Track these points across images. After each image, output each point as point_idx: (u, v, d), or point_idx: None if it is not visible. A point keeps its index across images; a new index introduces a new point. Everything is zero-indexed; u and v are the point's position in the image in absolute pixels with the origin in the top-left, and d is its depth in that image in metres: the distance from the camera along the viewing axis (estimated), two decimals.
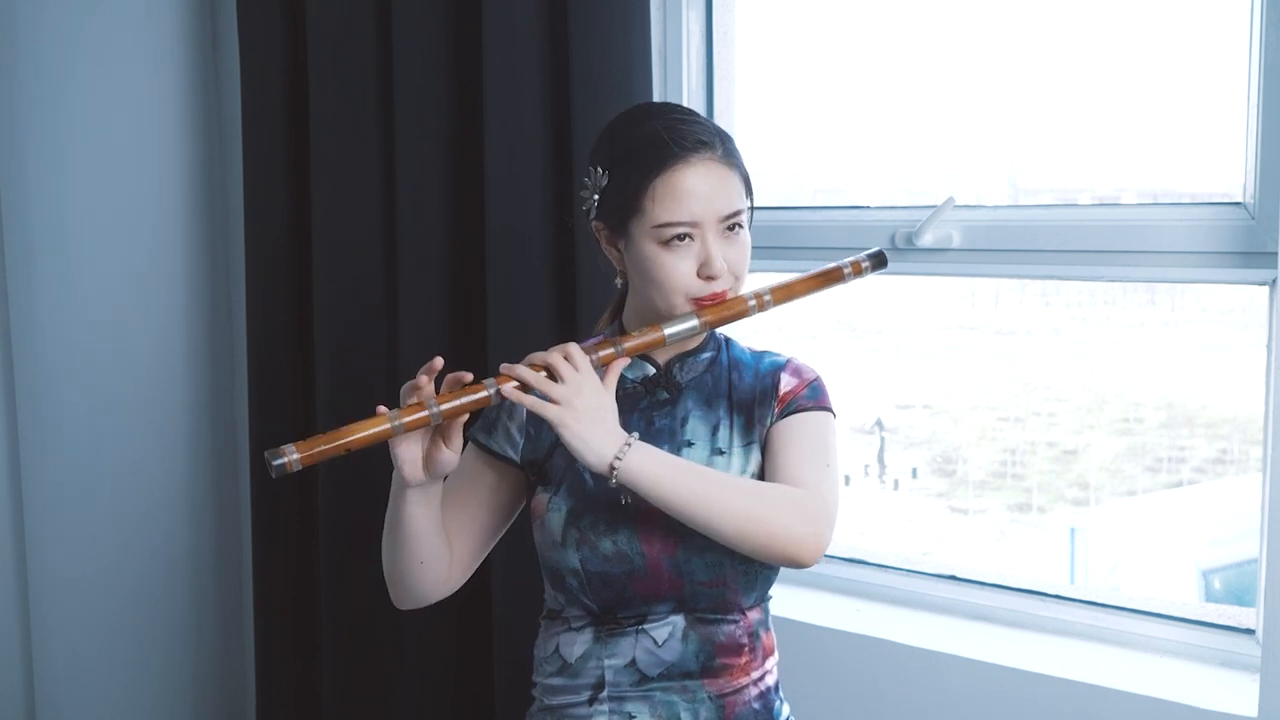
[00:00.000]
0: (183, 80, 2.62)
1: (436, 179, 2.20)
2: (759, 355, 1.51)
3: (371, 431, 1.28)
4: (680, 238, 1.36)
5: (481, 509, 1.48)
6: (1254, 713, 1.64)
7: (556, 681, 1.46)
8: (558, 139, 2.07)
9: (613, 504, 1.41)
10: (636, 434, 1.32)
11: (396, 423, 1.28)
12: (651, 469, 1.29)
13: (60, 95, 2.48)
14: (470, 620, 2.27)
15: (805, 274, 1.45)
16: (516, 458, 1.47)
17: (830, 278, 1.46)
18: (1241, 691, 1.69)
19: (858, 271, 1.47)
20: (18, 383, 2.57)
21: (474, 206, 2.17)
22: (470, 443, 1.50)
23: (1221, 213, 1.72)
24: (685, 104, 2.14)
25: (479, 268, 2.17)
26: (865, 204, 2.09)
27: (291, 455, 1.26)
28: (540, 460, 1.47)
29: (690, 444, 1.44)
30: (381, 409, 1.30)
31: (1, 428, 2.61)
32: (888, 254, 1.52)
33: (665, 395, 1.46)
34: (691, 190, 1.36)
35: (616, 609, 1.42)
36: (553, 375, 1.31)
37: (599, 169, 1.43)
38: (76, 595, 2.59)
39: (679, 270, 1.37)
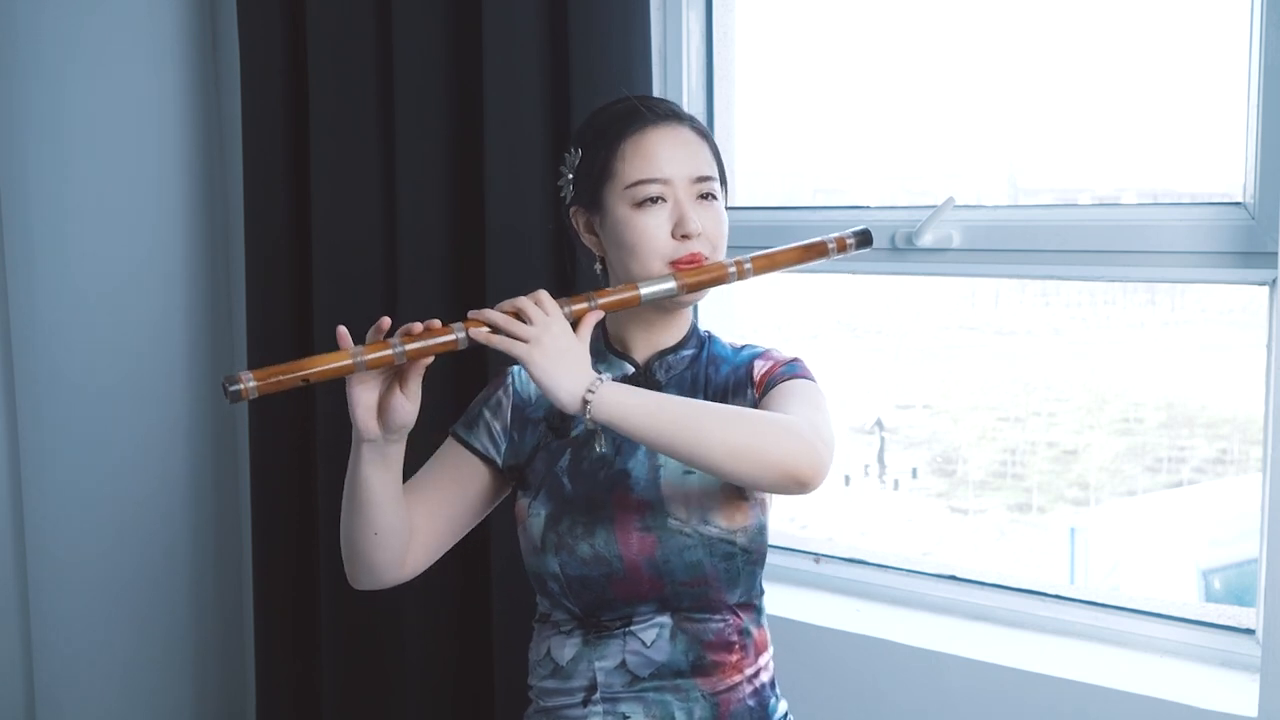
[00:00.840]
0: (183, 80, 2.62)
1: (436, 179, 2.20)
2: (739, 349, 1.50)
3: (332, 365, 1.25)
4: (654, 200, 1.37)
5: (451, 500, 1.46)
6: (1254, 713, 1.64)
7: (550, 684, 1.46)
8: (558, 139, 2.07)
9: (590, 506, 1.40)
10: (608, 374, 1.30)
11: (359, 358, 1.25)
12: (626, 401, 1.25)
13: (60, 95, 2.48)
14: (470, 620, 2.27)
15: (789, 245, 1.44)
16: (498, 459, 1.46)
17: (814, 251, 1.44)
18: (1241, 691, 1.69)
19: (842, 248, 1.45)
20: (18, 383, 2.57)
21: (474, 206, 2.17)
22: (450, 436, 1.49)
23: (1221, 213, 1.72)
24: (685, 104, 2.14)
25: (479, 268, 2.17)
26: (865, 204, 2.09)
27: (249, 382, 1.24)
28: (521, 465, 1.46)
29: None
30: (345, 342, 1.27)
31: (2, 428, 2.61)
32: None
33: None
34: (661, 149, 1.38)
35: (599, 612, 1.41)
36: (521, 319, 1.29)
37: (573, 150, 1.45)
38: (76, 595, 2.59)
39: (652, 230, 1.37)
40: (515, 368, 1.50)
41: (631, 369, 1.46)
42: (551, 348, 1.26)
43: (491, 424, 1.48)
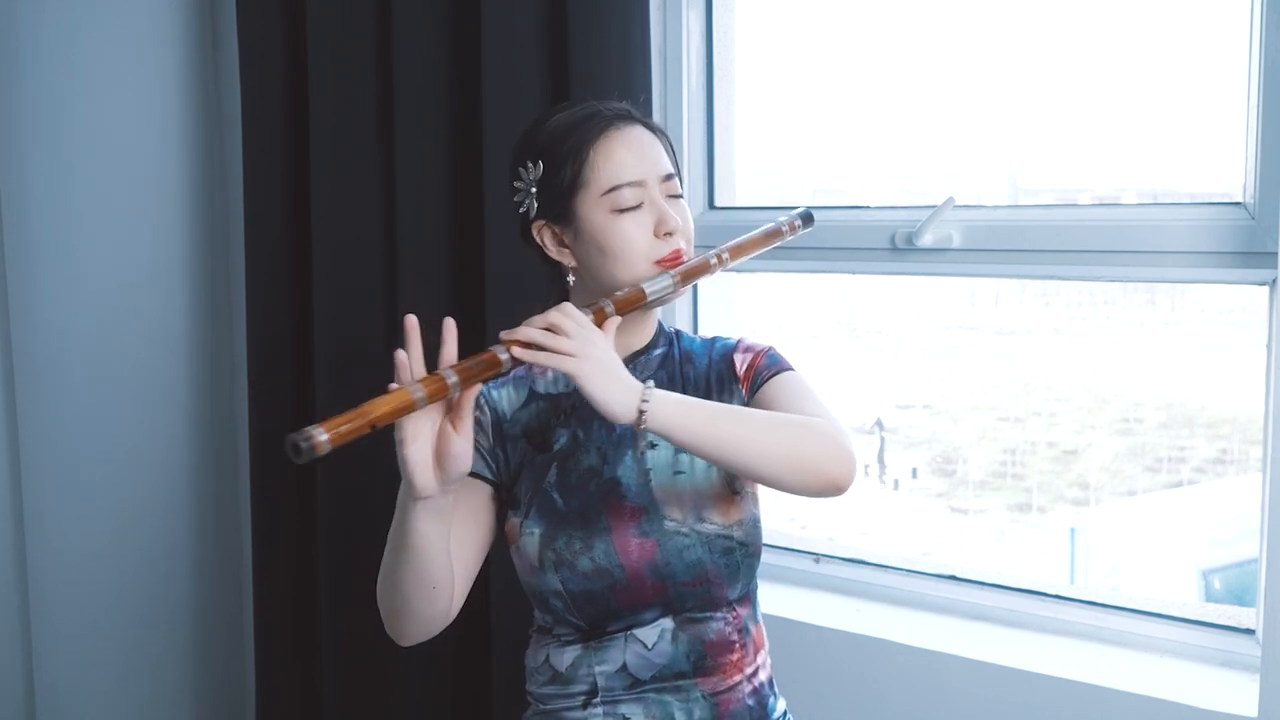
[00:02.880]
0: (183, 80, 2.62)
1: (436, 179, 2.20)
2: (709, 342, 1.51)
3: (396, 405, 1.18)
4: (633, 206, 1.37)
5: (472, 529, 1.42)
6: (1254, 713, 1.64)
7: (549, 690, 1.45)
8: None
9: (585, 520, 1.39)
10: (652, 381, 1.28)
11: (418, 394, 1.19)
12: (678, 413, 1.25)
13: (60, 95, 2.48)
14: (469, 621, 2.27)
15: (750, 234, 1.48)
16: (493, 477, 1.43)
17: (773, 235, 1.50)
18: (1241, 691, 1.69)
19: (793, 230, 1.52)
20: (18, 383, 2.57)
21: (474, 206, 2.17)
22: None
23: (1221, 213, 1.72)
24: (685, 103, 2.14)
25: (479, 268, 2.17)
26: (865, 204, 2.09)
27: (321, 436, 1.14)
28: (508, 484, 1.44)
29: (654, 445, 1.42)
30: (395, 385, 1.20)
31: (2, 428, 2.61)
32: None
33: None
34: (629, 152, 1.38)
35: (605, 622, 1.40)
36: (556, 334, 1.27)
37: (528, 164, 1.41)
38: (76, 596, 2.59)
39: (636, 233, 1.37)
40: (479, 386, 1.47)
41: None
42: (599, 360, 1.25)
43: (479, 442, 1.42)
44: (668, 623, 1.41)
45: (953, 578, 2.03)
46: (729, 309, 2.20)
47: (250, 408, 2.53)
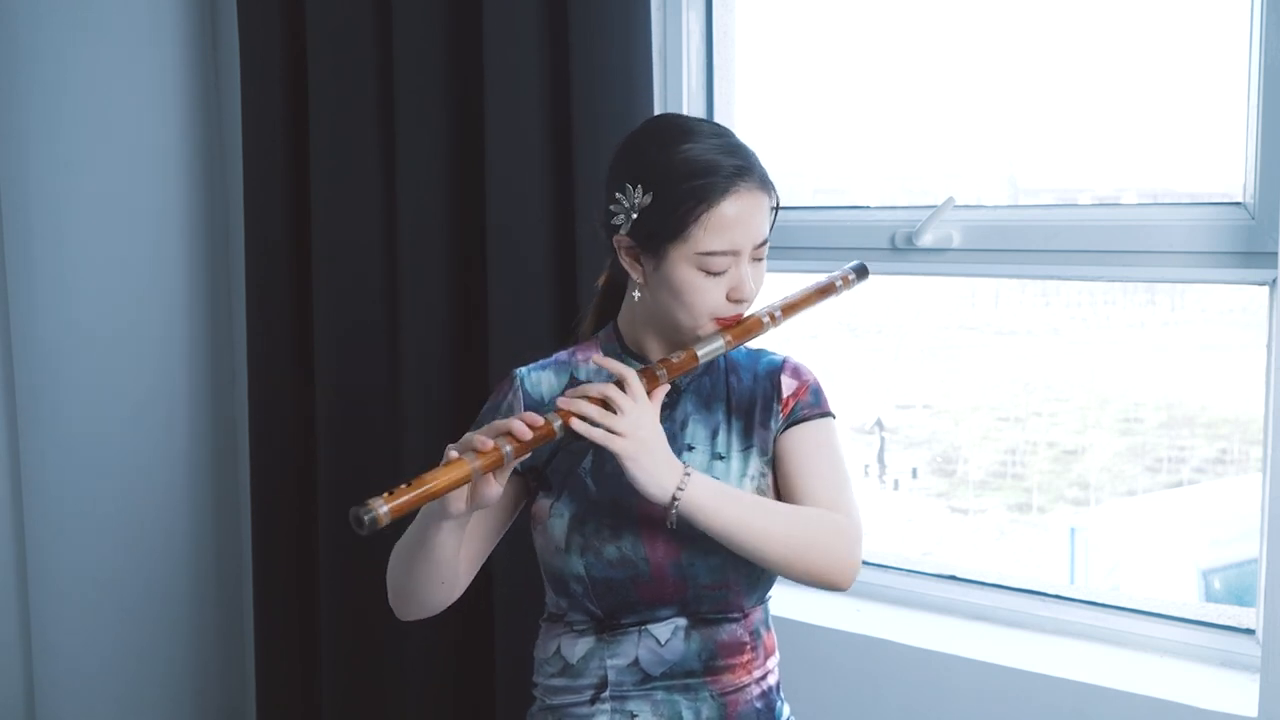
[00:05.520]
0: (183, 80, 2.62)
1: (436, 179, 2.20)
2: (755, 355, 1.52)
3: (454, 478, 1.26)
4: (718, 271, 1.38)
5: (483, 519, 1.46)
6: (1254, 713, 1.64)
7: (558, 682, 1.46)
8: (558, 139, 2.07)
9: (616, 509, 1.41)
10: (690, 465, 1.33)
11: (475, 465, 1.27)
12: (709, 500, 1.32)
13: (60, 95, 2.48)
14: (471, 619, 2.27)
15: (804, 290, 1.52)
16: (519, 465, 1.46)
17: (825, 291, 1.54)
18: (1241, 691, 1.69)
19: (846, 284, 1.56)
20: (18, 385, 2.57)
21: (474, 206, 2.17)
22: None
23: (1221, 213, 1.72)
24: (685, 104, 2.14)
25: (479, 267, 2.17)
26: (865, 204, 2.09)
27: (382, 509, 1.20)
28: (540, 466, 1.46)
29: (691, 448, 1.44)
30: (453, 453, 1.28)
31: (2, 431, 2.61)
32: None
33: (664, 399, 1.46)
34: (737, 220, 1.37)
35: (620, 614, 1.42)
36: (608, 406, 1.31)
37: (638, 188, 1.39)
38: (77, 597, 2.59)
39: (712, 295, 1.38)
40: (522, 370, 1.50)
41: None
42: (646, 443, 1.30)
43: None
44: (681, 621, 1.42)
45: (953, 578, 2.03)
46: None
47: (250, 408, 2.53)
